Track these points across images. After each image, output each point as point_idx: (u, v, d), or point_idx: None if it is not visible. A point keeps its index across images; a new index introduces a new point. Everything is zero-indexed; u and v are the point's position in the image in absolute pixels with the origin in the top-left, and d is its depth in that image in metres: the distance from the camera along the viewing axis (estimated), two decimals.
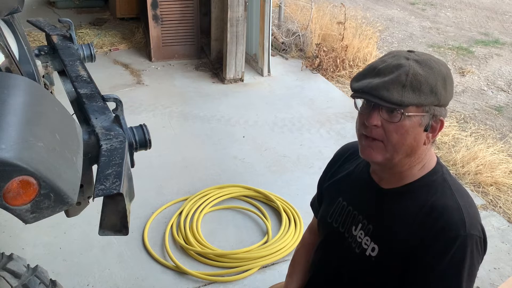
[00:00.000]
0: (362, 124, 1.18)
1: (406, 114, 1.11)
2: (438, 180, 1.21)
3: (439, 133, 1.20)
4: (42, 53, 2.24)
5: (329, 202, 1.43)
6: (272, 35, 4.84)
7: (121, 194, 1.25)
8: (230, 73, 4.59)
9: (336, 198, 1.39)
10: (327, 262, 1.41)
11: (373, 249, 1.23)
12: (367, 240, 1.26)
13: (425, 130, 1.14)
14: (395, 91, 1.09)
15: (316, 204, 1.56)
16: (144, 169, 3.01)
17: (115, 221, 1.30)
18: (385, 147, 1.15)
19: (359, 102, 1.20)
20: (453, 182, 1.21)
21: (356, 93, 1.16)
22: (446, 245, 1.11)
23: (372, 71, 1.16)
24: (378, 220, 1.25)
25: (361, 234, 1.28)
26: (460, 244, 1.11)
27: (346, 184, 1.40)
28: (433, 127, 1.16)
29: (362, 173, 1.34)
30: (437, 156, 1.27)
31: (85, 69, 2.00)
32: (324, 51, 4.95)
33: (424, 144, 1.17)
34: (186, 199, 2.89)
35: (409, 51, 1.18)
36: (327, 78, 4.83)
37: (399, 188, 1.23)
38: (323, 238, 1.45)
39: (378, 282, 1.24)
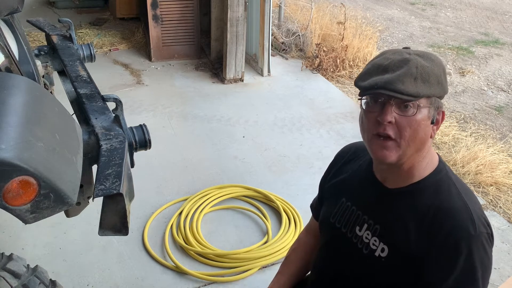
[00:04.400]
0: (374, 123, 1.16)
1: (420, 105, 1.12)
2: (443, 179, 1.21)
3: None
4: (42, 53, 2.24)
5: (331, 203, 1.41)
6: (272, 35, 4.84)
7: (121, 194, 1.25)
8: (230, 73, 4.59)
9: (339, 198, 1.38)
10: (330, 263, 1.40)
11: (382, 250, 1.22)
12: (375, 240, 1.24)
13: (432, 123, 1.16)
14: (409, 84, 1.10)
15: (317, 205, 1.55)
16: (144, 169, 3.01)
17: (115, 221, 1.30)
18: (398, 144, 1.14)
19: (363, 103, 1.19)
20: (457, 181, 1.21)
21: (369, 90, 1.15)
22: (459, 245, 1.11)
23: (377, 68, 1.15)
24: (386, 220, 1.24)
25: (367, 234, 1.27)
26: (472, 244, 1.11)
27: (349, 185, 1.39)
28: (437, 119, 1.18)
29: (365, 173, 1.33)
30: (438, 154, 1.27)
31: (85, 69, 2.00)
32: (324, 51, 4.95)
33: (431, 137, 1.18)
34: (186, 199, 2.89)
35: (404, 47, 1.20)
36: (327, 78, 4.83)
37: (405, 188, 1.22)
38: (326, 239, 1.44)
39: (388, 283, 1.23)
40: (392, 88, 1.10)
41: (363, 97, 1.19)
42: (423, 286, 1.16)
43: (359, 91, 1.19)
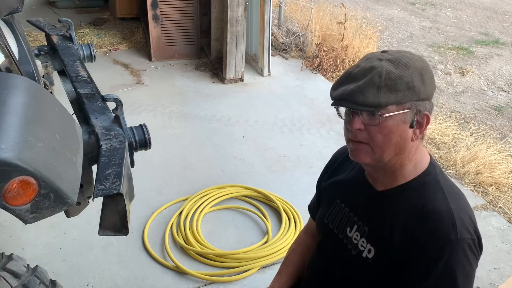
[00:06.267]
0: (347, 129, 1.20)
1: (385, 115, 1.11)
2: (431, 181, 1.20)
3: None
4: (42, 53, 2.24)
5: (326, 204, 1.43)
6: (272, 35, 4.84)
7: (121, 194, 1.25)
8: (230, 73, 4.59)
9: (334, 199, 1.40)
10: (322, 263, 1.42)
11: (369, 251, 1.23)
12: (363, 242, 1.26)
13: (411, 127, 1.15)
14: (370, 94, 1.10)
15: (314, 206, 1.56)
16: (144, 169, 3.01)
17: (115, 221, 1.30)
18: (372, 149, 1.16)
19: (342, 109, 1.21)
20: (445, 183, 1.21)
21: (334, 101, 1.18)
22: (438, 250, 1.11)
23: (347, 77, 1.17)
24: (374, 222, 1.25)
25: (357, 235, 1.28)
26: (452, 249, 1.10)
27: (343, 186, 1.40)
28: (419, 122, 1.16)
29: (358, 175, 1.35)
30: (430, 155, 1.27)
31: (85, 69, 2.00)
32: (324, 51, 4.95)
33: (412, 140, 1.17)
34: (186, 199, 2.89)
35: (383, 51, 1.19)
36: (327, 78, 4.83)
37: (392, 190, 1.23)
38: (320, 239, 1.46)
39: (374, 284, 1.24)
40: (352, 100, 1.12)
41: (338, 106, 1.20)
42: (405, 283, 1.16)
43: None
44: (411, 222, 1.16)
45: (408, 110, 1.13)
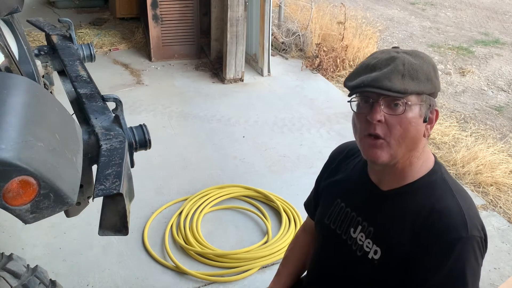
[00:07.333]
0: (365, 123, 1.15)
1: (409, 103, 1.11)
2: (438, 180, 1.20)
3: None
4: (42, 53, 2.24)
5: (326, 204, 1.41)
6: (272, 35, 4.84)
7: (121, 194, 1.25)
8: (230, 73, 4.59)
9: (334, 199, 1.38)
10: (324, 263, 1.40)
11: (375, 252, 1.22)
12: (368, 242, 1.24)
13: (424, 121, 1.15)
14: (396, 80, 1.10)
15: (311, 204, 1.54)
16: (144, 169, 3.01)
17: (115, 221, 1.30)
18: (389, 143, 1.14)
19: (354, 104, 1.20)
20: (452, 183, 1.21)
21: (356, 89, 1.15)
22: (449, 247, 1.10)
23: (365, 68, 1.15)
24: (379, 222, 1.24)
25: (361, 236, 1.26)
26: (463, 246, 1.10)
27: (343, 186, 1.38)
28: (430, 118, 1.17)
29: (360, 174, 1.33)
30: (434, 155, 1.26)
31: (85, 69, 2.00)
32: (324, 51, 4.95)
33: (424, 136, 1.17)
34: (186, 199, 2.89)
35: (393, 47, 1.20)
36: (327, 78, 4.83)
37: (398, 189, 1.22)
38: (321, 239, 1.44)
39: (381, 285, 1.23)
40: (379, 85, 1.10)
41: (353, 98, 1.19)
42: (411, 285, 1.16)
43: (348, 92, 1.19)
44: (420, 221, 1.15)
45: (423, 103, 1.14)
